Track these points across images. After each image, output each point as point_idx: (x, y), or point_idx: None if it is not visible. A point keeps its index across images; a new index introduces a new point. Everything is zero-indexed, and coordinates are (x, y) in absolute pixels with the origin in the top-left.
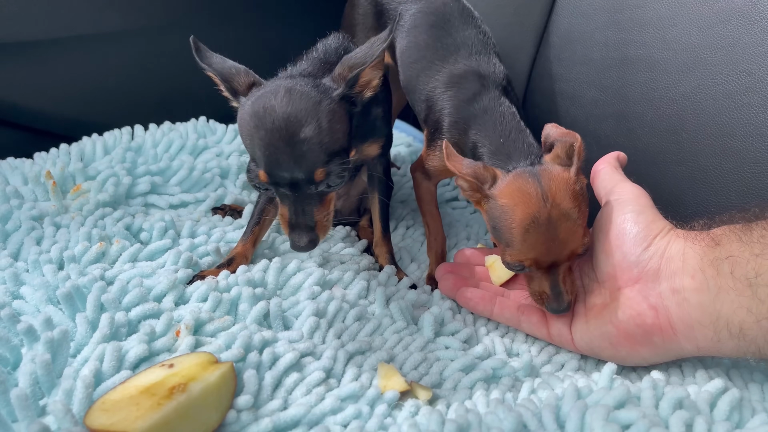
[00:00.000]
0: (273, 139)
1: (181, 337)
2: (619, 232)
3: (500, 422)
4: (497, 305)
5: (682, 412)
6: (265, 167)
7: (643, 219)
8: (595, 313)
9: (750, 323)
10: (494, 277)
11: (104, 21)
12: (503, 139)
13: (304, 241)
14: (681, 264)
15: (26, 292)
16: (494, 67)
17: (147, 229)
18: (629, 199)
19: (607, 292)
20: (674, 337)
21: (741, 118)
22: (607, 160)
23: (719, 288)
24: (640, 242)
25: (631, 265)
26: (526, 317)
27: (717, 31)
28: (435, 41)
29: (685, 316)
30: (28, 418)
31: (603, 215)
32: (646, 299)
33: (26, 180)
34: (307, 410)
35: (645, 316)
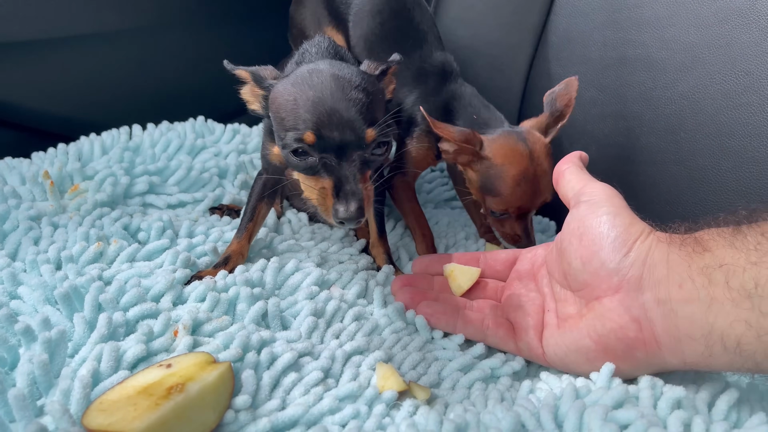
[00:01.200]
0: (323, 97)
1: (179, 337)
2: (596, 237)
3: (498, 422)
4: (461, 319)
5: (680, 412)
6: (314, 127)
7: (621, 222)
8: (570, 324)
9: (750, 338)
10: (454, 286)
11: (102, 21)
12: (476, 115)
13: (353, 208)
14: (666, 271)
15: (24, 292)
16: (451, 59)
17: (145, 229)
18: (602, 200)
19: (583, 301)
20: (658, 351)
21: (739, 117)
22: (571, 159)
23: (712, 299)
24: (620, 248)
25: (611, 273)
26: (492, 331)
27: (715, 30)
28: (400, 33)
29: (671, 329)
30: (25, 418)
31: (574, 218)
32: (628, 311)
33: (24, 180)
34: (305, 410)
35: (627, 330)
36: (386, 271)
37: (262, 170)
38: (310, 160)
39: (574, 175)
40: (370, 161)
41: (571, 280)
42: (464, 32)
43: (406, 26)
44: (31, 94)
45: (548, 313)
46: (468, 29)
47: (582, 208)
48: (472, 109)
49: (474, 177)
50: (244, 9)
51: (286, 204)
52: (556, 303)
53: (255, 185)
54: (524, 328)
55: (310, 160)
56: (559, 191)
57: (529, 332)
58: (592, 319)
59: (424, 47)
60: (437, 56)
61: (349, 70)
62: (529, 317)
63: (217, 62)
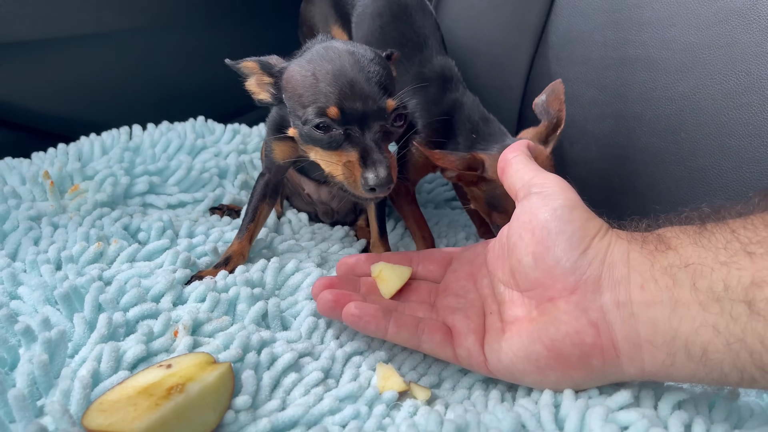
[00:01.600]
0: (343, 70)
1: (179, 337)
2: (550, 232)
3: (499, 422)
4: (392, 323)
5: (681, 413)
6: (337, 99)
7: (578, 216)
8: (517, 328)
9: (717, 345)
10: (383, 288)
11: (102, 21)
12: (477, 128)
13: (383, 174)
14: (626, 271)
15: (24, 292)
16: (452, 64)
17: (145, 229)
18: (556, 192)
19: (534, 303)
20: (616, 359)
21: (740, 117)
22: (518, 148)
23: (677, 301)
24: (577, 244)
25: (566, 272)
26: (427, 336)
27: (716, 30)
28: (400, 36)
29: (631, 334)
30: (25, 418)
31: (525, 211)
32: (586, 314)
33: (24, 180)
34: (306, 410)
35: (584, 335)
36: None
37: (264, 170)
38: (335, 132)
39: (522, 164)
40: (391, 132)
41: (521, 279)
42: (464, 32)
43: (407, 30)
44: (31, 94)
45: (490, 316)
46: (468, 29)
47: (533, 199)
48: (470, 124)
49: (479, 195)
50: (244, 9)
51: (287, 204)
52: (498, 305)
53: (257, 185)
54: (463, 333)
55: (335, 132)
56: (505, 182)
57: (468, 337)
58: (545, 323)
59: (424, 51)
60: (437, 61)
61: (362, 47)
62: (469, 320)
63: (217, 62)
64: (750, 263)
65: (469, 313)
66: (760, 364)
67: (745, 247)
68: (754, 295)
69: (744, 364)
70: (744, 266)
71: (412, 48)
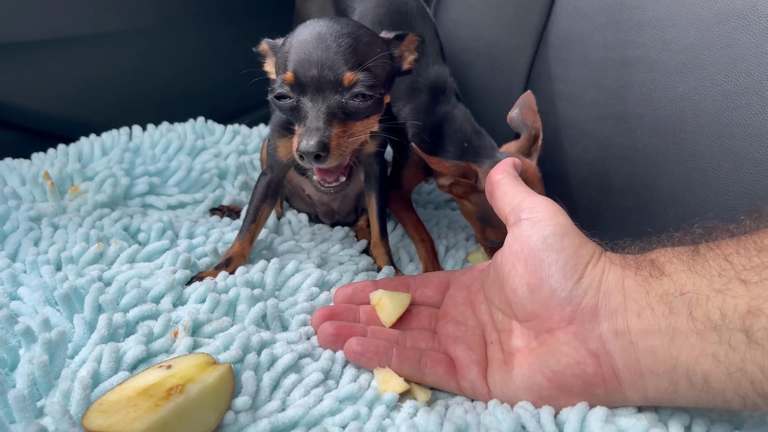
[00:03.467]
0: (309, 40)
1: (179, 338)
2: (543, 262)
3: (499, 423)
4: (395, 357)
5: (681, 414)
6: (293, 66)
7: (570, 243)
8: (518, 360)
9: (719, 374)
10: (383, 316)
11: (102, 22)
12: (470, 139)
13: (313, 140)
14: (622, 299)
15: (24, 293)
16: (447, 74)
17: (145, 230)
18: (545, 218)
19: (532, 333)
20: (619, 387)
21: (740, 118)
22: (503, 170)
23: (675, 330)
24: (570, 273)
25: (563, 302)
26: (430, 370)
27: (716, 31)
28: None
29: (632, 363)
30: (25, 419)
31: (516, 239)
32: (585, 344)
33: (24, 181)
34: (306, 411)
35: (585, 365)
36: (387, 272)
37: (266, 170)
38: (288, 101)
39: (510, 187)
40: (351, 111)
41: (518, 310)
42: (465, 33)
43: None
44: (31, 95)
45: (491, 345)
46: (468, 30)
47: (524, 227)
48: (462, 135)
49: (471, 209)
50: (244, 9)
51: (286, 205)
52: (498, 333)
53: (258, 185)
54: (466, 365)
55: (288, 101)
56: (494, 205)
57: (472, 369)
58: (545, 355)
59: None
60: (432, 71)
61: (349, 23)
62: (472, 351)
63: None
64: (745, 291)
65: (470, 343)
66: (761, 392)
67: (739, 275)
68: (751, 324)
69: (746, 391)
70: (739, 294)
71: None
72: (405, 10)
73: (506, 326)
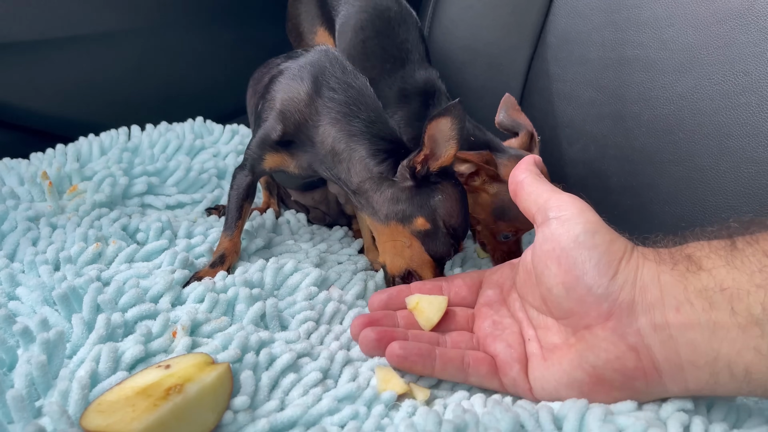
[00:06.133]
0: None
1: (177, 338)
2: (576, 260)
3: (497, 422)
4: (438, 360)
5: (680, 414)
6: (463, 237)
7: (601, 240)
8: (557, 356)
9: (761, 367)
10: (422, 320)
11: (100, 21)
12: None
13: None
14: (659, 293)
15: (22, 293)
16: (435, 77)
17: (143, 230)
18: (574, 216)
19: (570, 330)
20: (659, 379)
21: (738, 118)
22: (526, 168)
23: (715, 324)
24: (605, 270)
25: (599, 299)
26: (473, 369)
27: (714, 31)
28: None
29: (672, 356)
30: (24, 419)
31: (547, 239)
32: (624, 339)
33: (22, 180)
34: (304, 411)
35: (625, 360)
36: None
37: (247, 170)
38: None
39: (534, 186)
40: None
41: (554, 308)
42: (463, 33)
43: (389, 45)
44: (29, 95)
45: (529, 342)
46: (466, 30)
47: (553, 226)
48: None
49: (487, 200)
50: (243, 9)
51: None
52: (535, 330)
53: (237, 184)
54: (508, 363)
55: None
56: (519, 205)
57: (514, 367)
58: (584, 350)
59: (407, 66)
60: (420, 76)
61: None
62: (512, 349)
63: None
64: None
65: (510, 341)
66: None
67: None
68: None
69: None
70: None
71: (394, 63)
72: (388, 15)
73: (542, 323)
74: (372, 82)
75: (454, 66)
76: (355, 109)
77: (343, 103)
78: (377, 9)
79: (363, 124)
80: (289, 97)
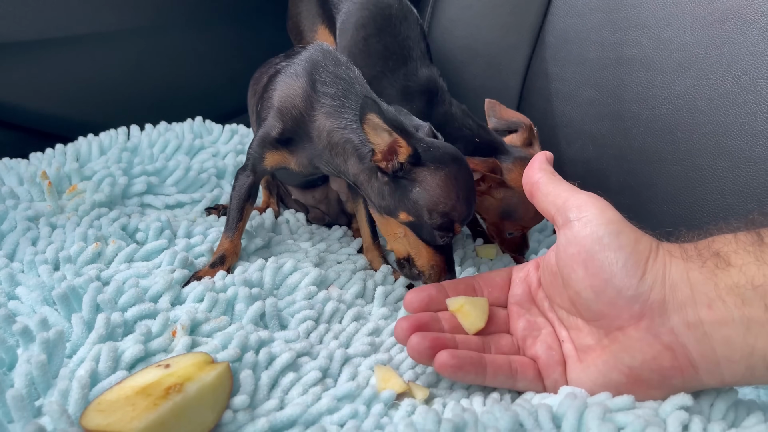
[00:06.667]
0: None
1: (177, 337)
2: (603, 263)
3: (496, 421)
4: (489, 368)
5: (679, 412)
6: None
7: (626, 241)
8: (592, 358)
9: None
10: (467, 323)
11: (100, 21)
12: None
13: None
14: (689, 292)
15: (22, 292)
16: (437, 75)
17: (143, 230)
18: (596, 217)
19: (602, 332)
20: (696, 375)
21: (736, 117)
22: (540, 167)
23: (750, 320)
24: (633, 271)
25: (630, 300)
26: (521, 375)
27: (712, 30)
28: (384, 49)
29: (708, 353)
30: (23, 419)
31: (571, 242)
32: (658, 339)
33: (22, 180)
34: (304, 410)
35: (661, 359)
36: (384, 271)
37: (249, 172)
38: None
39: (551, 186)
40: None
41: (584, 311)
42: (462, 32)
43: (391, 42)
44: (29, 95)
45: (564, 343)
46: (465, 30)
47: (576, 228)
48: (468, 131)
49: (494, 204)
50: (242, 9)
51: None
52: (568, 331)
53: (239, 185)
54: (550, 365)
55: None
56: (537, 206)
57: (556, 369)
58: (618, 352)
59: (409, 64)
60: (422, 74)
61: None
62: (552, 351)
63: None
64: None
65: (549, 343)
66: None
67: None
68: None
69: None
70: None
71: (397, 61)
72: (389, 12)
73: (573, 324)
74: (374, 80)
75: (453, 66)
76: (345, 101)
77: (334, 96)
78: (378, 6)
79: (354, 116)
80: (286, 95)
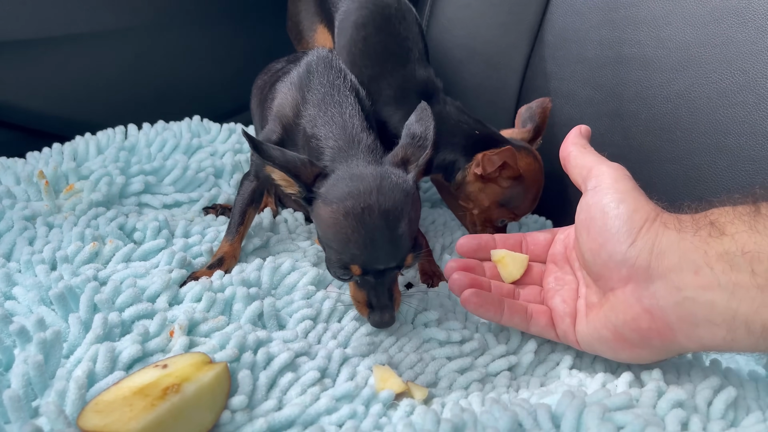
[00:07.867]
0: (373, 238)
1: (174, 337)
2: (601, 228)
3: (495, 421)
4: (506, 309)
5: (678, 411)
6: (363, 264)
7: (625, 209)
8: (593, 314)
9: None
10: (505, 273)
11: (97, 20)
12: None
13: (386, 318)
14: (677, 259)
15: (18, 292)
16: (433, 76)
17: (140, 229)
18: (607, 186)
19: (601, 291)
20: (673, 337)
21: (735, 116)
22: (573, 140)
23: (735, 285)
24: (624, 238)
25: (619, 264)
26: (534, 320)
27: (711, 29)
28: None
29: (687, 315)
30: (20, 419)
31: (582, 208)
32: (639, 301)
33: (19, 180)
34: (302, 410)
35: (640, 320)
36: None
37: (251, 176)
38: (353, 278)
39: (580, 159)
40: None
41: (588, 271)
42: (460, 31)
43: (390, 42)
44: (26, 94)
45: (580, 299)
46: (464, 28)
47: (588, 196)
48: (466, 125)
49: (497, 191)
50: (241, 8)
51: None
52: (586, 288)
53: (243, 190)
54: (561, 316)
55: (353, 278)
56: (570, 177)
57: (565, 320)
58: (608, 311)
59: (407, 66)
60: (420, 75)
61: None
62: (566, 304)
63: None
64: None
65: (565, 296)
66: None
67: None
68: None
69: None
70: None
71: (395, 62)
72: (388, 12)
73: (588, 282)
74: (372, 81)
75: (451, 64)
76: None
77: (316, 105)
78: (377, 5)
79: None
80: (280, 102)
